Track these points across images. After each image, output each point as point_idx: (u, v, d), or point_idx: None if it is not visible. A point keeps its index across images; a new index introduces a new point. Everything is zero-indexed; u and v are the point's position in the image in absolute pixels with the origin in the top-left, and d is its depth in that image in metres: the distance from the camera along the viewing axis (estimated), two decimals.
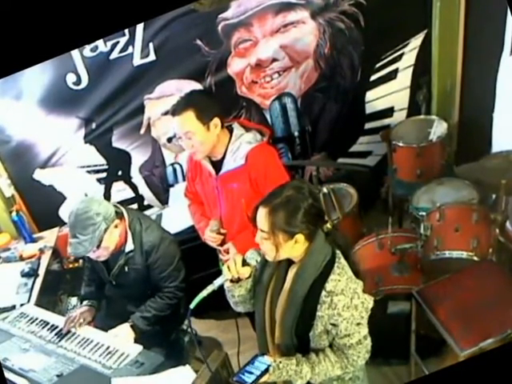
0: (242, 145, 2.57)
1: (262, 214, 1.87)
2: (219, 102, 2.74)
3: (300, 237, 1.87)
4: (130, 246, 2.70)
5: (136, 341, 2.62)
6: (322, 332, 1.92)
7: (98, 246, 2.56)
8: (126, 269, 2.74)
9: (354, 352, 1.93)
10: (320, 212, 1.93)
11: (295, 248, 1.90)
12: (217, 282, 2.00)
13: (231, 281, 2.02)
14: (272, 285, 2.02)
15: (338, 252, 1.94)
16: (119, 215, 2.66)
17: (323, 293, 1.87)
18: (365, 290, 1.96)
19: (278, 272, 2.01)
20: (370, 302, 1.91)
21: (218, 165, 2.63)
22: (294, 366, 1.91)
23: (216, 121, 2.50)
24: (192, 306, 1.98)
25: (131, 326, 2.69)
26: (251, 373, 1.86)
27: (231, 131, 2.61)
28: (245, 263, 1.99)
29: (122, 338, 2.63)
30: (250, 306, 2.14)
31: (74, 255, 2.63)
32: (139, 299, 2.80)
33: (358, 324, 1.89)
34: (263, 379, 1.88)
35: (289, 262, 1.99)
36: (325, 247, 1.93)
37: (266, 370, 1.88)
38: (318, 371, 1.93)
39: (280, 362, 1.91)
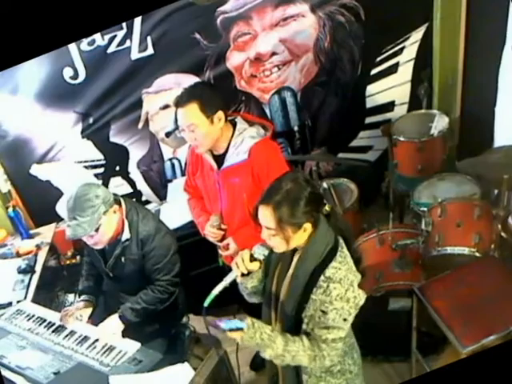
0: (245, 139, 2.54)
1: (266, 213, 1.87)
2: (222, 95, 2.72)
3: (308, 225, 1.89)
4: (126, 235, 2.68)
5: (135, 336, 2.59)
6: (310, 316, 1.92)
7: (97, 230, 2.55)
8: (123, 259, 2.72)
9: (326, 347, 1.93)
10: (320, 197, 1.95)
11: (304, 235, 1.92)
12: (228, 279, 2.00)
13: (242, 275, 2.02)
14: (278, 269, 2.04)
15: (341, 242, 1.95)
16: (117, 202, 2.66)
17: (321, 277, 1.89)
18: (365, 286, 1.97)
19: (284, 257, 2.02)
20: (361, 298, 1.92)
21: (220, 159, 2.61)
22: (268, 331, 1.92)
23: (220, 114, 2.48)
24: (206, 304, 1.97)
25: (119, 317, 2.67)
26: (227, 323, 1.91)
27: (234, 125, 2.58)
28: (253, 258, 1.99)
29: (109, 329, 2.63)
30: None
31: (72, 237, 2.61)
32: (136, 294, 2.77)
33: (345, 320, 1.89)
34: (237, 335, 1.90)
35: (294, 248, 2.00)
36: (327, 234, 1.94)
37: (242, 328, 1.90)
38: (290, 349, 1.92)
39: (255, 322, 1.92)
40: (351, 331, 2.09)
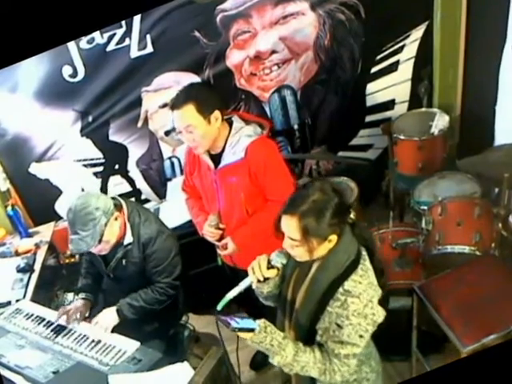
0: (241, 138, 2.53)
1: (291, 223, 1.80)
2: (218, 94, 2.70)
3: (333, 236, 1.82)
4: (128, 239, 2.66)
5: (134, 335, 2.58)
6: (324, 328, 1.86)
7: (100, 241, 2.53)
8: (124, 262, 2.70)
9: (337, 362, 1.86)
10: (347, 207, 1.88)
11: (328, 246, 1.85)
12: (243, 284, 1.96)
13: (258, 281, 1.96)
14: (295, 276, 1.97)
15: (364, 254, 1.89)
16: (118, 207, 2.63)
17: (340, 290, 1.82)
18: None
19: (302, 264, 1.95)
20: (380, 315, 1.86)
21: (216, 158, 2.59)
22: (279, 338, 1.85)
23: (217, 114, 2.46)
24: (219, 307, 1.93)
25: (117, 311, 2.66)
26: (238, 323, 1.85)
27: (231, 124, 2.57)
28: (270, 266, 1.94)
29: (104, 321, 2.63)
30: None
31: (76, 252, 2.62)
32: None
33: (360, 336, 1.82)
34: (247, 336, 1.84)
35: None
36: (351, 245, 1.87)
37: (253, 330, 1.84)
38: (299, 359, 1.86)
39: (268, 326, 1.86)
40: (370, 341, 2.02)
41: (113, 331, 2.63)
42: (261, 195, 2.59)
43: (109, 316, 2.66)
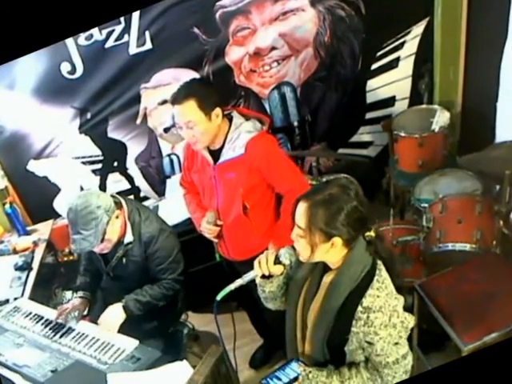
0: (241, 134, 2.51)
1: (301, 209, 1.76)
2: (218, 91, 2.68)
3: (338, 240, 1.75)
4: (129, 238, 2.66)
5: (133, 334, 2.56)
6: (357, 348, 1.82)
7: (102, 240, 2.52)
8: (124, 261, 2.69)
9: (389, 372, 1.82)
10: (364, 218, 1.79)
11: (331, 252, 1.79)
12: (246, 277, 1.94)
13: (263, 276, 1.94)
14: (305, 288, 1.92)
15: (379, 263, 1.83)
16: (118, 205, 2.62)
17: (359, 308, 1.76)
18: None
19: (312, 276, 1.91)
20: (410, 321, 1.81)
21: (216, 154, 2.58)
22: (323, 378, 1.82)
23: (217, 111, 2.45)
24: (218, 298, 1.93)
25: (123, 307, 2.65)
26: (280, 379, 1.84)
27: (230, 120, 2.55)
28: (277, 261, 1.91)
29: (112, 318, 2.62)
30: (281, 304, 2.05)
31: (79, 251, 2.61)
32: None
33: (396, 344, 1.78)
34: None
35: (324, 267, 1.88)
36: (364, 257, 1.81)
37: (296, 379, 1.83)
38: None
39: (310, 372, 1.83)
40: None
41: None
42: (260, 190, 2.59)
43: (115, 313, 2.64)
